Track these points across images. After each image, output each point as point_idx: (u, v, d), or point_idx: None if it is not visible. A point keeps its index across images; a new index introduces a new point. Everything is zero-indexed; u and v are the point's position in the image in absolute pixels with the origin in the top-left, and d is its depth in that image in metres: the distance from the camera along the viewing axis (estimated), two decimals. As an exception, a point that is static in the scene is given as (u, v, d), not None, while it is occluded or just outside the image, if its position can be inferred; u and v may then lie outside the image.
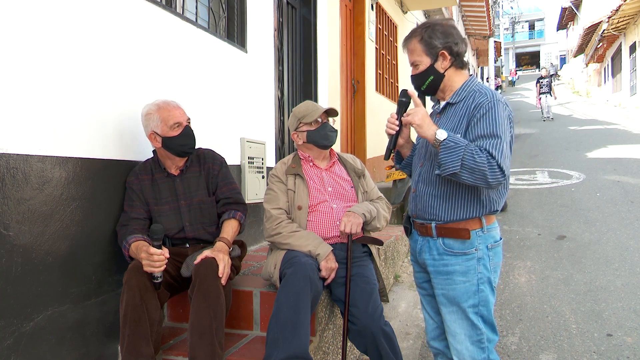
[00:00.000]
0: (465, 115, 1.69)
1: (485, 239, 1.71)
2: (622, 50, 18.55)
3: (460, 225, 1.71)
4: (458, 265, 1.71)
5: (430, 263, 1.77)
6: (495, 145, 1.58)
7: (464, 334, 1.71)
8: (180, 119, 2.18)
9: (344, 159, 2.48)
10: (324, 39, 4.96)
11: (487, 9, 14.55)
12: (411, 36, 1.80)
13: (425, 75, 1.78)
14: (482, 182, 1.57)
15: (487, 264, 1.71)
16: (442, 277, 1.74)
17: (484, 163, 1.55)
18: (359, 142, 6.43)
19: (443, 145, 1.59)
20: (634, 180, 6.76)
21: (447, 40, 1.75)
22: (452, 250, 1.72)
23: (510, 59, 42.82)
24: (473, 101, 1.69)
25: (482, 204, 1.70)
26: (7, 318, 1.66)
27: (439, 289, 1.76)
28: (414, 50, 1.78)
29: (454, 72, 1.78)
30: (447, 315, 1.75)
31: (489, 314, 1.72)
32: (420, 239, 1.82)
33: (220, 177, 2.32)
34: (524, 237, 5.00)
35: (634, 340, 2.89)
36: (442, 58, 1.75)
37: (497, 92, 1.72)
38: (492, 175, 1.56)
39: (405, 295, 3.71)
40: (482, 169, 1.55)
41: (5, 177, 1.65)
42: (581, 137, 11.39)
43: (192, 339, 1.91)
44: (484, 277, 1.71)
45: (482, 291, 1.70)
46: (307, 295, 1.95)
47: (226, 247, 2.11)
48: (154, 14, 2.47)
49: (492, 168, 1.55)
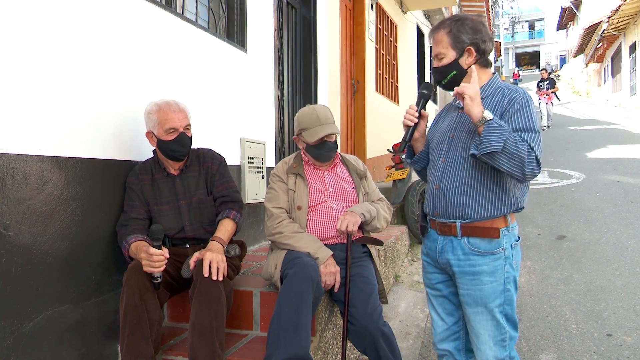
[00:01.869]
0: (497, 110, 1.67)
1: (510, 238, 1.71)
2: (622, 50, 18.55)
3: (488, 224, 1.68)
4: (486, 266, 1.68)
5: (455, 263, 1.72)
6: (534, 139, 1.58)
7: (488, 334, 1.69)
8: (176, 125, 2.16)
9: (346, 160, 2.47)
10: (324, 39, 4.96)
11: (487, 9, 14.53)
12: (439, 27, 1.75)
13: (448, 69, 1.73)
14: (518, 170, 1.56)
15: (512, 263, 1.70)
16: (468, 277, 1.70)
17: (524, 151, 1.54)
18: (358, 142, 6.43)
19: (489, 124, 1.55)
20: (634, 180, 6.76)
21: (475, 37, 1.71)
22: (479, 250, 1.68)
23: (510, 59, 42.85)
24: (503, 97, 1.68)
25: (510, 201, 1.68)
26: (7, 318, 1.66)
27: (465, 289, 1.72)
28: (440, 42, 1.73)
29: (478, 70, 1.73)
30: (472, 315, 1.71)
31: (513, 312, 1.72)
32: (441, 238, 1.77)
33: (218, 175, 2.32)
34: (524, 237, 4.99)
35: (634, 340, 2.89)
36: (468, 54, 1.72)
37: (524, 90, 1.71)
38: (530, 165, 1.55)
39: (405, 295, 3.71)
40: (522, 156, 1.53)
41: (5, 177, 1.65)
42: (581, 137, 11.39)
43: (193, 339, 1.91)
44: (511, 277, 1.70)
45: (509, 290, 1.70)
46: (308, 296, 1.95)
47: (218, 246, 2.09)
48: (154, 14, 2.47)
49: (531, 158, 1.55)
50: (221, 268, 2.00)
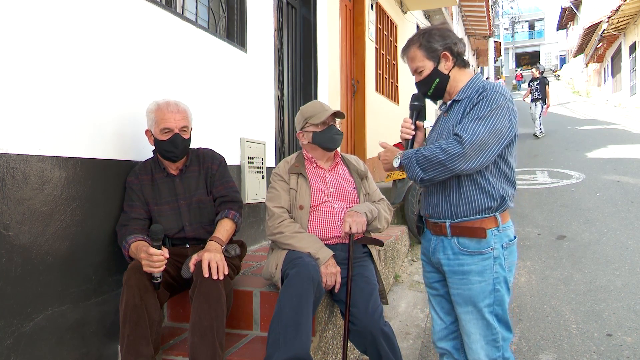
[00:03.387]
0: (470, 107, 1.69)
1: (501, 238, 1.72)
2: (622, 50, 18.55)
3: (476, 224, 1.70)
4: (474, 265, 1.70)
5: (445, 263, 1.76)
6: (467, 128, 1.60)
7: (478, 333, 1.71)
8: (171, 125, 2.15)
9: (347, 160, 2.48)
10: (324, 39, 4.96)
11: (487, 9, 14.55)
12: (409, 45, 1.81)
13: (430, 79, 1.78)
14: (444, 168, 1.61)
15: (502, 263, 1.71)
16: (458, 277, 1.73)
17: (434, 152, 1.61)
18: (358, 142, 6.43)
19: (404, 167, 1.70)
20: (634, 180, 6.75)
21: (446, 42, 1.76)
22: (468, 249, 1.71)
23: (510, 59, 42.85)
24: (476, 94, 1.70)
25: (492, 198, 1.69)
26: (7, 318, 1.66)
27: (455, 289, 1.75)
28: (415, 57, 1.79)
29: (458, 72, 1.79)
30: (463, 315, 1.74)
31: (504, 313, 1.73)
32: (434, 238, 1.81)
33: (218, 175, 2.32)
34: (524, 237, 4.99)
35: (634, 340, 2.89)
36: (445, 59, 1.76)
37: (503, 87, 1.73)
38: (445, 154, 1.59)
39: (405, 295, 3.71)
40: (438, 158, 1.60)
41: (5, 177, 1.65)
42: (581, 137, 11.38)
43: (193, 339, 1.91)
44: (500, 277, 1.71)
45: (498, 291, 1.71)
46: (309, 296, 1.95)
47: (216, 245, 2.09)
48: (154, 14, 2.47)
49: (445, 149, 1.59)
50: (220, 267, 2.00)
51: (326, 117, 2.30)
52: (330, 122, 2.34)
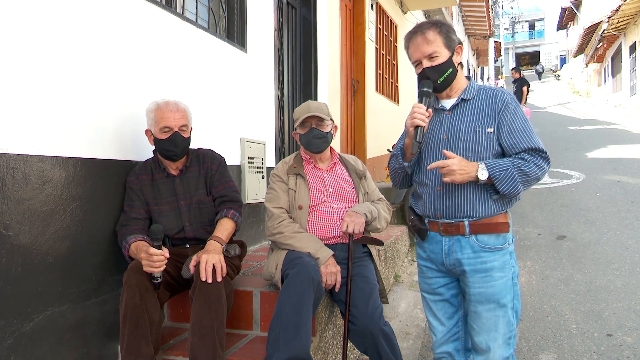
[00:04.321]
0: (489, 109, 1.72)
1: (511, 233, 1.75)
2: (622, 50, 18.55)
3: (494, 220, 1.70)
4: (496, 261, 1.70)
5: (466, 262, 1.71)
6: (533, 139, 1.68)
7: (499, 332, 1.70)
8: (170, 124, 2.15)
9: (345, 160, 2.48)
10: (324, 39, 4.96)
11: (487, 9, 14.55)
12: (429, 27, 1.72)
13: (445, 66, 1.71)
14: (535, 182, 1.69)
15: (515, 258, 1.76)
16: (480, 275, 1.70)
17: (532, 169, 1.64)
18: (358, 142, 6.43)
19: (494, 179, 1.63)
20: (634, 180, 6.76)
21: (457, 38, 1.77)
22: (489, 246, 1.70)
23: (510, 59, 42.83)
24: (489, 97, 1.73)
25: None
26: (7, 318, 1.66)
27: (476, 288, 1.71)
28: (434, 41, 1.70)
29: (460, 71, 1.78)
30: (485, 312, 1.70)
31: (519, 306, 1.76)
32: (447, 239, 1.75)
33: (217, 175, 2.32)
34: (524, 237, 5.00)
35: (634, 340, 2.89)
36: (457, 54, 1.75)
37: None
38: (542, 171, 1.67)
39: (405, 295, 3.71)
40: (536, 175, 1.66)
41: (5, 177, 1.65)
42: (581, 137, 11.39)
43: (194, 339, 1.91)
44: (516, 271, 1.74)
45: (516, 285, 1.73)
46: (309, 297, 1.95)
47: (216, 245, 2.08)
48: (154, 14, 2.47)
49: (540, 165, 1.66)
50: (218, 267, 1.99)
51: (302, 120, 2.27)
52: (313, 125, 2.28)
